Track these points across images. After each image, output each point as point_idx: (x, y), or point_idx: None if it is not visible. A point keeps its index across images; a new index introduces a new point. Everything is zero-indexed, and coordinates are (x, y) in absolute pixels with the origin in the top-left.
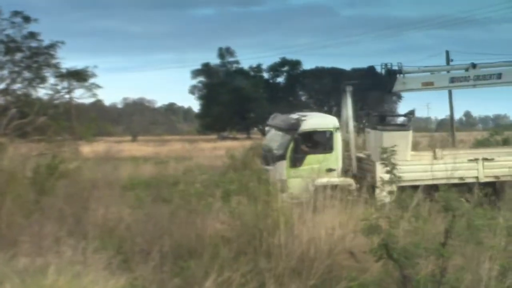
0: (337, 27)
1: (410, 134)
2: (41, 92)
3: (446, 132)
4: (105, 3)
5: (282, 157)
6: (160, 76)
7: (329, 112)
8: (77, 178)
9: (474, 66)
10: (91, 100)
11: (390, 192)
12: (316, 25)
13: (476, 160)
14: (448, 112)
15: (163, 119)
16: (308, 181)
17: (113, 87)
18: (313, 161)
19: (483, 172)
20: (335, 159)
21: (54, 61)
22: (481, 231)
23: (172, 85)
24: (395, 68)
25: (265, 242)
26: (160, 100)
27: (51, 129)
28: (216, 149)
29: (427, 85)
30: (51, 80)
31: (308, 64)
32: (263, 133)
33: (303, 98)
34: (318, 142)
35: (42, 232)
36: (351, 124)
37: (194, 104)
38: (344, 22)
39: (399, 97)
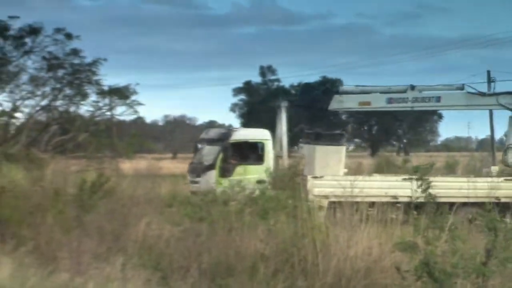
0: (377, 46)
1: (343, 149)
2: (83, 109)
3: (486, 152)
4: (147, 21)
5: (211, 167)
6: (201, 94)
7: (368, 131)
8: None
9: (412, 88)
10: (132, 117)
11: (321, 207)
12: (357, 44)
13: (410, 179)
14: (489, 132)
15: None
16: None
17: (155, 104)
18: (243, 171)
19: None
20: (266, 170)
21: (96, 78)
22: None
23: (213, 103)
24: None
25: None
26: (201, 117)
27: (92, 146)
28: None
29: (364, 104)
30: (93, 97)
31: (348, 83)
32: None
33: (344, 117)
34: (249, 153)
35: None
36: (285, 139)
37: (235, 122)
38: (384, 42)
39: (440, 117)
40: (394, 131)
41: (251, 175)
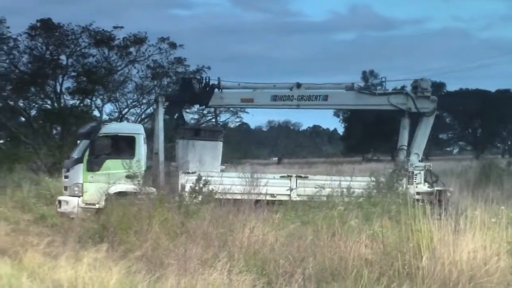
0: (474, 49)
1: (219, 145)
2: (188, 117)
3: None
4: (246, 29)
5: (79, 161)
6: None
7: (473, 134)
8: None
9: (298, 86)
10: (237, 123)
11: (204, 202)
12: (454, 48)
13: (289, 177)
14: None
15: (307, 142)
16: (105, 187)
17: (258, 111)
18: (112, 166)
19: (296, 190)
20: (137, 165)
21: None
22: None
23: None
24: (213, 82)
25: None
26: (305, 123)
27: None
28: (361, 171)
29: (247, 101)
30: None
31: (449, 86)
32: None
33: (448, 120)
34: (119, 147)
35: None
36: (161, 135)
37: (338, 126)
38: (481, 45)
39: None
40: (498, 133)
41: (120, 169)
